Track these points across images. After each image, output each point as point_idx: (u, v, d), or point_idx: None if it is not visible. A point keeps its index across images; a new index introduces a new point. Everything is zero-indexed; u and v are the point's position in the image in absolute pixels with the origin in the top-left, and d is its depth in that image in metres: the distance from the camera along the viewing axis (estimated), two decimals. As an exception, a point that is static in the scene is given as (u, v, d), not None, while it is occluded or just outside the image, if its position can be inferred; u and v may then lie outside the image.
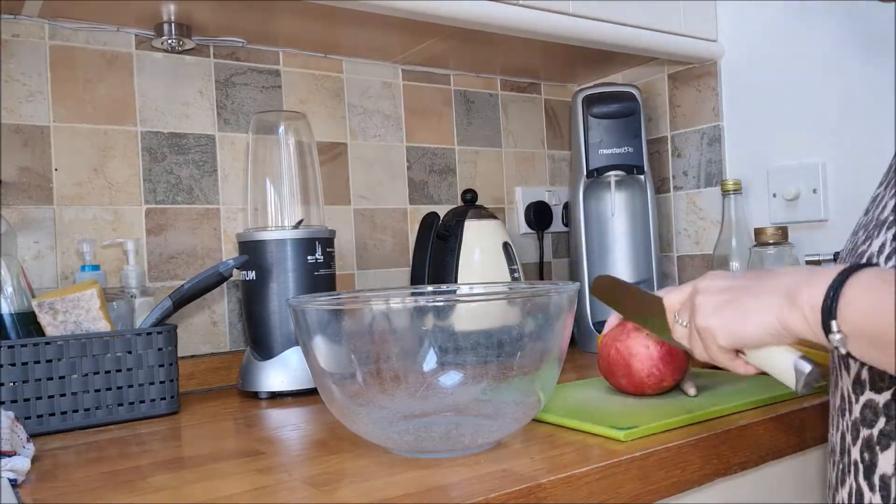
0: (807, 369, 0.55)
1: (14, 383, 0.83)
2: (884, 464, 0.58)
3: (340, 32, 1.17)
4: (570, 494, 0.60)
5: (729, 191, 1.22)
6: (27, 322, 0.89)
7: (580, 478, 0.61)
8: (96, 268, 1.02)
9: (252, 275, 1.02)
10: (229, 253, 1.16)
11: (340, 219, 1.28)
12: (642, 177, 1.30)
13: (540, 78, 1.52)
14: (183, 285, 0.96)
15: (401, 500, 0.55)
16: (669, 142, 1.43)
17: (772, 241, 1.13)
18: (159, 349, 0.91)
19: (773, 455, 0.76)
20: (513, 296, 0.74)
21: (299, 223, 1.07)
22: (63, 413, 0.86)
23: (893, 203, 0.60)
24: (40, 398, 0.84)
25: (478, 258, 1.19)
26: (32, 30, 1.03)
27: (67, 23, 1.05)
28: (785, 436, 0.77)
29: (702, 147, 1.38)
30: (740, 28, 1.31)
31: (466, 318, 0.64)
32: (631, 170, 1.29)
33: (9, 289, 0.89)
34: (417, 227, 1.25)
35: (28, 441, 0.72)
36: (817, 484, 0.84)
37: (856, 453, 0.61)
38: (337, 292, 1.06)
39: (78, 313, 0.88)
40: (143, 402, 0.90)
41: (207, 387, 1.12)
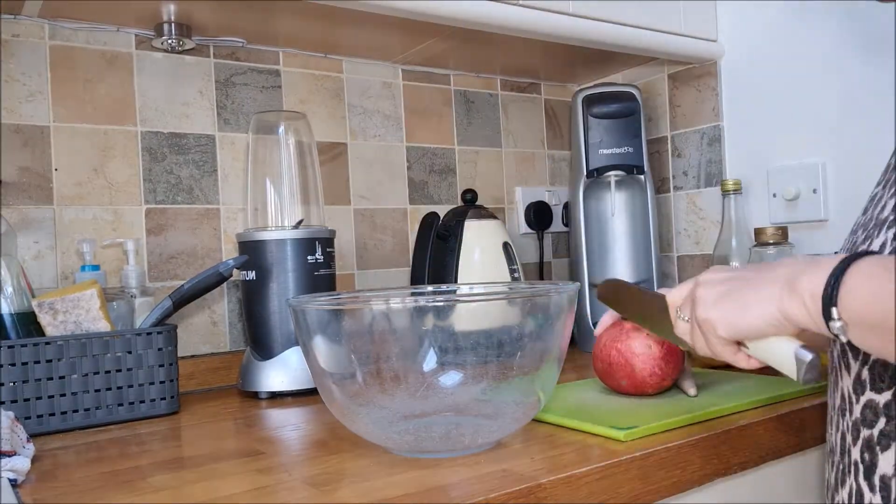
0: (808, 358, 0.54)
1: (14, 383, 0.83)
2: (884, 464, 0.58)
3: (340, 32, 1.17)
4: (570, 494, 0.60)
5: (729, 191, 1.22)
6: (27, 322, 0.89)
7: (580, 478, 0.61)
8: (96, 268, 1.02)
9: (252, 275, 1.02)
10: (229, 253, 1.16)
11: (340, 219, 1.28)
12: (642, 177, 1.30)
13: (540, 78, 1.52)
14: (183, 285, 0.96)
15: (401, 500, 0.55)
16: (669, 142, 1.43)
17: (772, 241, 1.13)
18: (159, 349, 0.91)
19: (773, 455, 0.76)
20: (513, 296, 0.74)
21: (299, 223, 1.07)
22: (63, 413, 0.86)
23: (893, 202, 0.60)
24: (40, 398, 0.84)
25: (478, 258, 1.19)
26: (32, 30, 1.03)
27: (67, 23, 1.05)
28: (785, 436, 0.77)
29: (702, 147, 1.38)
30: (740, 28, 1.31)
31: (466, 318, 0.64)
32: (631, 170, 1.29)
33: (9, 289, 0.89)
34: (417, 227, 1.25)
35: (28, 441, 0.72)
36: (817, 484, 0.84)
37: (856, 454, 0.61)
38: (337, 292, 1.06)
39: (78, 313, 0.88)
40: (143, 402, 0.90)
41: (207, 387, 1.12)
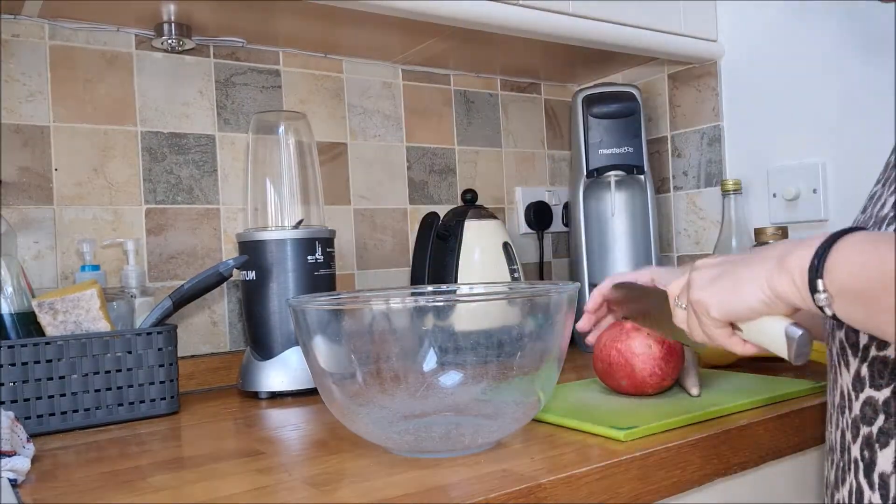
0: (797, 334, 0.55)
1: (14, 383, 0.83)
2: (883, 462, 0.58)
3: (340, 32, 1.17)
4: (570, 494, 0.60)
5: (729, 191, 1.22)
6: (27, 322, 0.89)
7: (580, 478, 0.61)
8: (96, 268, 1.02)
9: (252, 275, 1.02)
10: (229, 253, 1.16)
11: (340, 219, 1.28)
12: (642, 177, 1.30)
13: (540, 78, 1.52)
14: (183, 285, 0.96)
15: (401, 500, 0.55)
16: (669, 142, 1.43)
17: (772, 241, 1.13)
18: (159, 349, 0.91)
19: (773, 455, 0.76)
20: (513, 296, 0.74)
21: (299, 223, 1.07)
22: (63, 413, 0.86)
23: (893, 200, 0.60)
24: (40, 398, 0.84)
25: (478, 258, 1.19)
26: (32, 30, 1.03)
27: (67, 23, 1.05)
28: (785, 436, 0.77)
29: (702, 147, 1.38)
30: (740, 28, 1.31)
31: (466, 318, 0.64)
32: (631, 170, 1.29)
33: (9, 289, 0.89)
34: (417, 227, 1.25)
35: (28, 441, 0.72)
36: (816, 484, 0.83)
37: (856, 451, 0.61)
38: (337, 292, 1.06)
39: (78, 313, 0.88)
40: (143, 402, 0.90)
41: (207, 387, 1.12)
